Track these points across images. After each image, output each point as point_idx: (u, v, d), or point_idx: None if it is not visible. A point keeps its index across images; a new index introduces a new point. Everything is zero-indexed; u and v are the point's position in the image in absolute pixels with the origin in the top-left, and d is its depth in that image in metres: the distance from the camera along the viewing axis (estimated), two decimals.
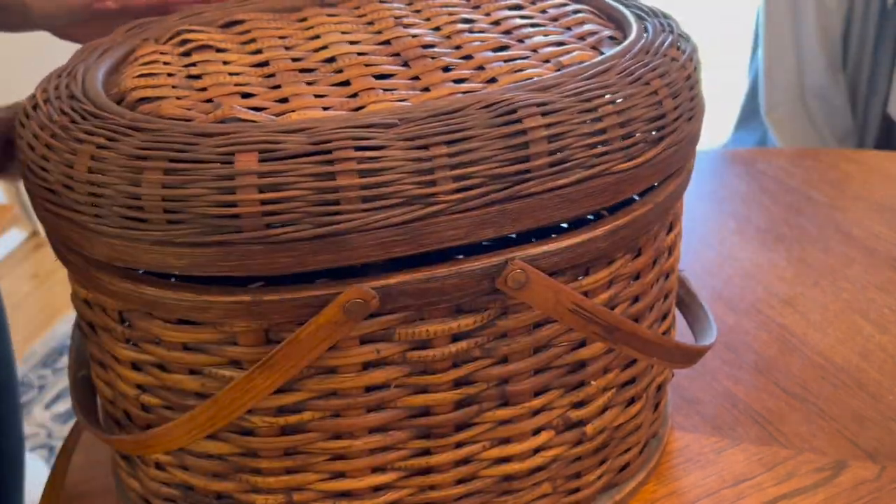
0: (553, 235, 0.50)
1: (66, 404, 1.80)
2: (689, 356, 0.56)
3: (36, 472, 1.42)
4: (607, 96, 0.49)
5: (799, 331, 0.78)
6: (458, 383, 0.51)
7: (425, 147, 0.46)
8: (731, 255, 0.90)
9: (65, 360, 1.92)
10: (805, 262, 0.87)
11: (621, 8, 0.60)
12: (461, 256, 0.50)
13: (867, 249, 0.89)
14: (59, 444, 1.66)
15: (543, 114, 0.48)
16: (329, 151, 0.45)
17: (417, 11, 0.62)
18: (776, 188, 1.00)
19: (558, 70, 0.52)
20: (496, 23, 0.60)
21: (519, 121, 0.47)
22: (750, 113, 1.98)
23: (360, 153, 0.45)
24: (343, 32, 0.59)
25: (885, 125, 1.81)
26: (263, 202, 0.44)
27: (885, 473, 0.63)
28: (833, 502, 0.61)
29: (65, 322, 2.04)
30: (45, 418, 1.75)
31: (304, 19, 0.62)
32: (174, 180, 0.45)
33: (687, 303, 0.65)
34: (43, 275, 2.19)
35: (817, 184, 1.00)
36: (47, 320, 2.05)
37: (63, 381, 1.86)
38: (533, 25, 0.59)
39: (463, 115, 0.47)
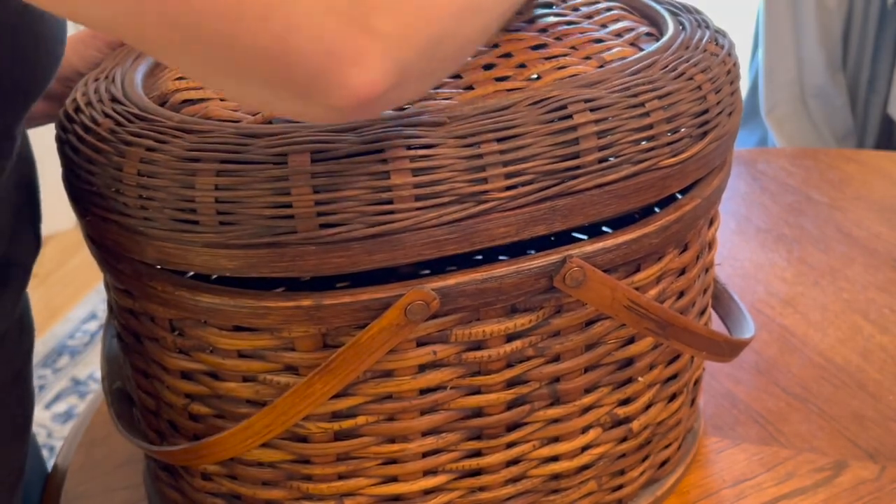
0: (606, 231, 0.50)
1: (66, 404, 1.77)
2: (735, 349, 0.57)
3: None
4: (654, 91, 0.50)
5: (799, 331, 0.78)
6: (510, 383, 0.52)
7: (476, 144, 0.46)
8: (731, 255, 0.90)
9: (64, 360, 1.88)
10: (805, 262, 0.88)
11: (653, 4, 0.61)
12: (504, 258, 0.51)
13: (867, 249, 0.89)
14: (59, 444, 1.63)
15: (592, 109, 0.48)
16: (381, 150, 0.45)
17: None
18: (776, 188, 1.01)
19: (601, 66, 0.53)
20: (530, 21, 0.60)
21: (570, 116, 0.48)
22: (750, 113, 1.98)
23: (412, 152, 0.45)
24: None
25: (885, 125, 1.82)
26: (317, 202, 0.44)
27: (885, 473, 0.64)
28: (833, 502, 0.61)
29: (65, 322, 2.00)
30: (45, 418, 1.73)
31: None
32: (227, 182, 0.44)
33: (716, 295, 0.66)
34: (42, 275, 2.15)
35: (817, 184, 1.01)
36: (47, 320, 2.00)
37: (63, 382, 1.83)
38: (568, 23, 0.59)
39: (513, 112, 0.47)
